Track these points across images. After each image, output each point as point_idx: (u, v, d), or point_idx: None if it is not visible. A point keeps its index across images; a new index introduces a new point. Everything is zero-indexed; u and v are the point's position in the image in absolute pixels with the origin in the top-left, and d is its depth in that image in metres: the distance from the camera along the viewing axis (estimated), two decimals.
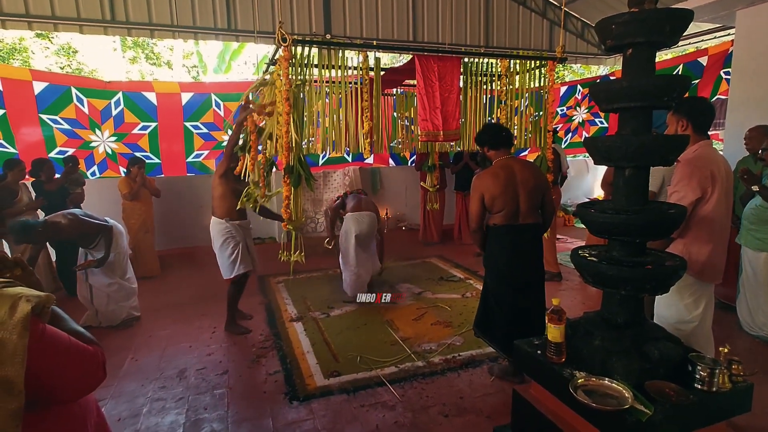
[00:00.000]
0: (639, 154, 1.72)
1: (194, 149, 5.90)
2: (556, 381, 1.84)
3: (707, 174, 2.20)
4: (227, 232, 3.64)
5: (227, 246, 3.63)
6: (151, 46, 13.61)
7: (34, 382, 0.88)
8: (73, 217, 3.61)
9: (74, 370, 0.96)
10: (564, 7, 4.20)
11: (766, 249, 3.07)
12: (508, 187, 2.68)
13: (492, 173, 2.73)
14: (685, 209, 1.86)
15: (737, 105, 4.66)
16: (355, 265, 4.38)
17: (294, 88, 2.77)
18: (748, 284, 3.24)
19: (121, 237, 3.96)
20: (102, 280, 3.79)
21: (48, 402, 0.95)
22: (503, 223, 2.73)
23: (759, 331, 3.20)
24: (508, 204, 2.69)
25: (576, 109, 7.33)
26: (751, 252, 3.16)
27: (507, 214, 2.71)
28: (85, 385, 1.01)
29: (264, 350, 3.43)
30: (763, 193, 2.99)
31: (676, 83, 1.69)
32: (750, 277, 3.21)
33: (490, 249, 2.83)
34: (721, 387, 1.66)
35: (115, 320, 3.90)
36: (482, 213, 2.77)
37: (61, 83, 5.12)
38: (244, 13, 6.24)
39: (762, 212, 3.05)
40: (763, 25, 4.40)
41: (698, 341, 2.28)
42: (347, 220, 4.40)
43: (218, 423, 2.55)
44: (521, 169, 2.75)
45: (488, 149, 2.84)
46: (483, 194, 2.71)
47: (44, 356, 0.90)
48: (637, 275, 1.76)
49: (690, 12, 1.65)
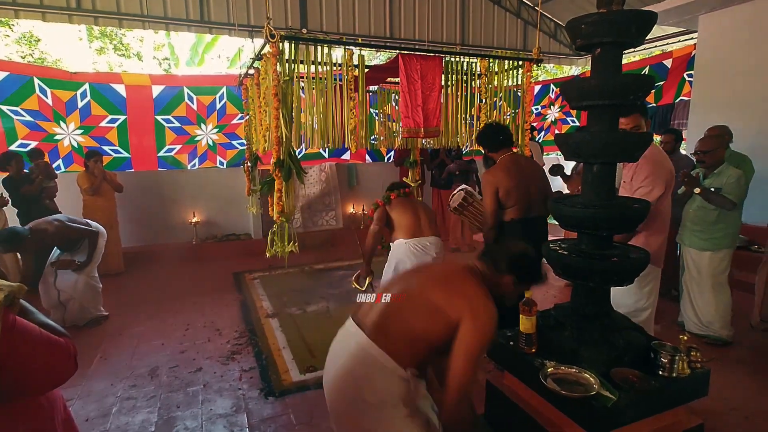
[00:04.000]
0: (606, 150, 1.79)
1: (166, 143, 5.75)
2: (527, 370, 1.89)
3: (668, 170, 2.35)
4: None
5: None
6: (119, 36, 13.12)
7: (4, 374, 0.86)
8: (59, 223, 3.51)
9: (45, 362, 0.95)
10: (539, 9, 4.30)
11: (709, 248, 3.12)
12: (520, 180, 2.75)
13: (503, 168, 2.78)
14: (650, 204, 1.95)
15: (699, 106, 4.87)
16: None
17: (282, 83, 2.76)
18: (693, 284, 3.26)
19: (103, 240, 3.88)
20: (69, 278, 3.67)
21: (17, 394, 0.93)
22: (518, 216, 2.78)
23: (706, 330, 3.21)
24: (521, 197, 2.75)
25: (550, 108, 7.50)
26: (695, 252, 3.18)
27: (521, 207, 2.77)
28: (56, 377, 1.00)
29: (239, 347, 3.39)
30: (705, 195, 3.05)
31: (641, 82, 1.76)
32: (695, 277, 3.23)
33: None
34: (680, 373, 1.75)
35: (82, 319, 3.77)
36: (497, 208, 2.79)
37: (23, 73, 4.89)
38: (217, 4, 6.10)
39: (704, 213, 3.10)
40: (723, 30, 4.60)
41: (650, 328, 2.44)
42: (400, 249, 2.89)
43: (191, 420, 2.51)
44: (527, 162, 2.86)
45: (492, 149, 2.90)
46: (497, 188, 2.74)
47: (15, 347, 0.89)
48: (604, 267, 1.83)
49: (654, 14, 1.73)
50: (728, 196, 3.00)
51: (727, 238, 3.11)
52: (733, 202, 3.00)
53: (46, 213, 4.70)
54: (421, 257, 2.77)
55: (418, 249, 2.80)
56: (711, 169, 3.14)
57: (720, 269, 3.15)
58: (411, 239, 2.84)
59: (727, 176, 3.05)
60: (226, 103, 5.80)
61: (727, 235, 3.10)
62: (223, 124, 5.90)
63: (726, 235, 3.10)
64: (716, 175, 3.11)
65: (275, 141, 2.79)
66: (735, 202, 3.01)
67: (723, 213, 3.05)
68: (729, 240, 3.12)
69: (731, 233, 3.12)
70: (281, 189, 2.88)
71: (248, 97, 4.43)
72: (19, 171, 4.51)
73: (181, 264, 5.71)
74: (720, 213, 3.05)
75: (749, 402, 2.56)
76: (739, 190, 3.03)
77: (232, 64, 12.02)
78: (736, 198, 3.01)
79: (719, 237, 3.09)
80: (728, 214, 3.06)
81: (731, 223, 3.10)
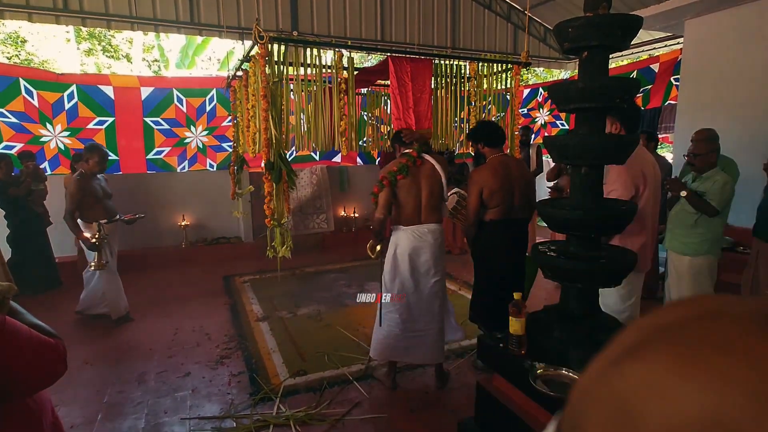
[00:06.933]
0: (593, 152, 1.80)
1: (155, 146, 5.68)
2: (517, 372, 1.89)
3: (638, 173, 2.38)
4: None
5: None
6: (108, 37, 13.00)
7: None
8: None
9: (34, 362, 0.94)
10: (527, 12, 4.33)
11: (689, 253, 3.07)
12: (505, 182, 2.76)
13: (490, 168, 2.79)
14: (636, 206, 1.96)
15: (685, 110, 4.94)
16: (399, 314, 2.75)
17: (272, 85, 2.75)
18: (673, 288, 3.25)
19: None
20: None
21: (5, 395, 0.92)
22: (498, 218, 2.80)
23: None
24: (504, 199, 2.77)
25: (539, 111, 7.56)
26: (676, 256, 3.14)
27: (503, 209, 2.79)
28: (46, 378, 0.99)
29: (228, 351, 3.36)
30: (691, 198, 3.02)
31: (627, 85, 1.78)
32: (675, 282, 3.21)
33: (483, 243, 2.90)
34: None
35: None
36: (480, 208, 2.82)
37: (8, 74, 4.81)
38: (207, 6, 6.06)
39: (684, 216, 3.05)
40: (709, 34, 4.68)
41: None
42: (399, 234, 2.77)
43: (179, 426, 2.47)
44: (516, 165, 2.87)
45: (483, 146, 2.90)
46: (482, 189, 2.77)
47: (3, 347, 0.88)
48: (592, 269, 1.84)
49: (639, 18, 1.75)
50: (711, 202, 2.96)
51: (706, 244, 3.05)
52: (714, 209, 2.95)
53: (33, 216, 4.64)
54: (419, 242, 2.71)
55: (416, 235, 2.72)
56: (701, 172, 3.14)
57: (701, 275, 3.11)
58: (410, 227, 2.74)
59: (714, 181, 3.00)
60: (215, 105, 5.75)
61: (706, 241, 3.04)
62: (213, 126, 5.86)
63: (704, 241, 3.04)
64: (703, 180, 3.08)
65: (264, 143, 2.78)
66: (717, 209, 2.96)
67: (703, 218, 3.00)
68: (708, 246, 3.06)
69: (710, 239, 3.05)
70: (271, 192, 2.86)
71: (236, 99, 4.40)
72: (8, 173, 4.44)
73: (170, 268, 5.65)
74: (700, 217, 3.01)
75: None
76: (722, 196, 2.97)
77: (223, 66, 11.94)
78: (718, 204, 2.96)
79: (697, 242, 3.04)
80: (709, 220, 3.01)
81: (711, 229, 3.04)
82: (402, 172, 2.66)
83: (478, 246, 2.94)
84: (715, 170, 3.09)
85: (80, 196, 3.64)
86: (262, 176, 2.85)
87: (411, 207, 2.71)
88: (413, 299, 2.74)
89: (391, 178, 2.66)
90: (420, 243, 2.70)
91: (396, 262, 2.74)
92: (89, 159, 3.76)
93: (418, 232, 2.72)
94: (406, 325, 2.72)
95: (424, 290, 2.74)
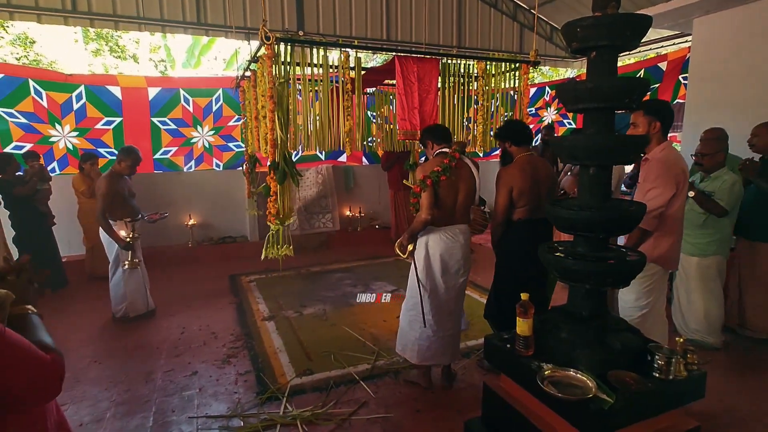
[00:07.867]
0: (602, 152, 1.79)
1: (162, 145, 5.72)
2: (524, 373, 1.89)
3: (679, 171, 2.34)
4: None
5: None
6: (115, 38, 13.08)
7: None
8: None
9: (27, 377, 0.91)
10: (535, 12, 4.31)
11: (697, 254, 3.07)
12: (533, 182, 2.76)
13: (519, 168, 2.79)
14: (645, 206, 1.95)
15: (693, 108, 4.89)
16: (433, 315, 2.70)
17: (278, 85, 2.76)
18: (681, 289, 3.25)
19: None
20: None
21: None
22: (526, 217, 2.80)
23: (693, 334, 3.20)
24: (532, 199, 2.77)
25: (546, 110, 7.53)
26: (684, 257, 3.10)
27: (530, 208, 2.78)
28: (38, 397, 0.96)
29: (235, 350, 3.37)
30: (699, 198, 2.99)
31: (636, 85, 1.77)
32: (684, 282, 3.22)
33: (509, 242, 2.88)
34: (677, 375, 1.74)
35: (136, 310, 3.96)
36: (508, 207, 2.81)
37: (18, 75, 4.86)
38: (214, 6, 6.09)
39: (692, 216, 3.02)
40: (717, 33, 4.63)
41: (652, 328, 2.41)
42: (431, 233, 2.71)
43: (187, 425, 2.49)
44: (542, 165, 2.86)
45: (511, 144, 2.89)
46: (512, 188, 2.76)
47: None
48: (599, 270, 1.83)
49: (649, 18, 1.73)
50: (719, 202, 2.94)
51: (714, 245, 3.04)
52: (723, 209, 2.93)
53: (38, 215, 4.68)
54: (452, 243, 2.68)
55: (449, 236, 2.68)
56: (709, 172, 3.11)
57: (709, 276, 3.10)
58: (443, 227, 2.69)
59: (722, 181, 2.98)
60: (222, 105, 5.78)
61: (714, 241, 3.03)
62: (219, 126, 5.89)
63: (713, 242, 3.03)
64: (712, 179, 3.06)
65: (270, 144, 2.79)
66: (726, 209, 2.94)
67: (711, 218, 2.98)
68: (716, 247, 3.05)
69: (718, 240, 3.04)
70: (276, 192, 2.87)
71: (245, 99, 4.42)
72: (14, 173, 4.49)
73: (176, 267, 5.69)
74: (708, 218, 2.99)
75: (744, 405, 2.57)
76: (731, 196, 2.94)
77: (229, 66, 12.01)
78: (726, 204, 2.94)
79: (705, 243, 3.03)
80: (717, 221, 2.99)
81: (719, 229, 3.02)
82: (446, 173, 2.60)
83: (503, 245, 2.93)
84: (723, 170, 3.06)
85: (111, 195, 3.67)
86: (266, 177, 2.86)
87: (447, 208, 2.65)
88: (444, 299, 2.71)
89: (435, 178, 2.58)
90: (452, 243, 2.68)
91: (429, 262, 2.70)
92: (122, 161, 3.82)
93: (451, 232, 2.68)
94: (439, 326, 2.71)
95: (452, 290, 2.72)
